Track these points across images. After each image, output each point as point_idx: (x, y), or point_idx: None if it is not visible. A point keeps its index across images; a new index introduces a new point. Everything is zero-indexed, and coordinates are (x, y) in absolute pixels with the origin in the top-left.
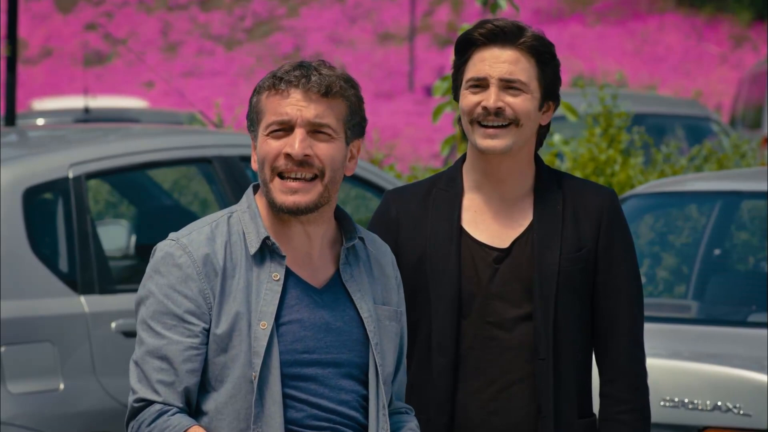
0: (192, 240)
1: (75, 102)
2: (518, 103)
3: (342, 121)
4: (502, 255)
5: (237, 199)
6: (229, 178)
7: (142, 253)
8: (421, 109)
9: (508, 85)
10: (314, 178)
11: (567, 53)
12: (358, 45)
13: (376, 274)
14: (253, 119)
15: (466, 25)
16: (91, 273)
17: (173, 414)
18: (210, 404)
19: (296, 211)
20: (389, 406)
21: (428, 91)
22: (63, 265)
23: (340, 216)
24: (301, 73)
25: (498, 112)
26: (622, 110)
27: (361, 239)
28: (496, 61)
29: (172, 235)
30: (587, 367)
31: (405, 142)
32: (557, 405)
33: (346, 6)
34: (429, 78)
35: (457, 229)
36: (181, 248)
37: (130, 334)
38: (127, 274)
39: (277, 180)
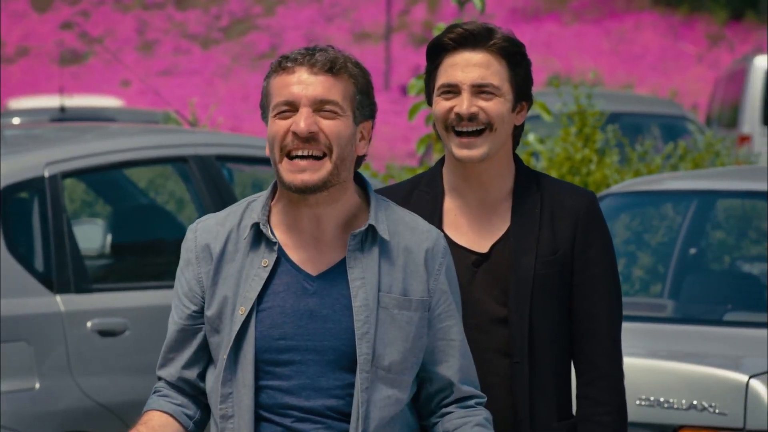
0: (206, 225)
1: (51, 101)
2: (491, 107)
3: (349, 99)
4: (481, 259)
5: (213, 198)
6: (205, 177)
7: (118, 252)
8: (397, 108)
9: (480, 89)
10: (323, 156)
11: (543, 52)
12: (335, 44)
13: (400, 261)
14: (264, 104)
15: (442, 25)
16: (66, 272)
17: (157, 395)
18: (208, 383)
19: (305, 190)
20: (451, 395)
21: (404, 90)
22: (39, 264)
23: (369, 201)
24: (307, 52)
25: (471, 117)
26: (596, 109)
27: (372, 228)
28: (467, 65)
29: (203, 216)
30: (566, 369)
31: (381, 141)
32: (535, 407)
33: (323, 5)
34: (405, 77)
35: None
36: (193, 232)
37: (106, 333)
38: (102, 273)
39: (285, 160)
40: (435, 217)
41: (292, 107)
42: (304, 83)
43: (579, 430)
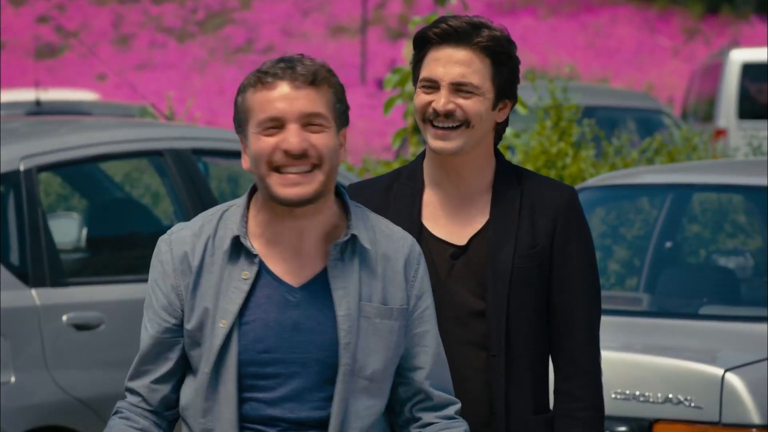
0: (180, 236)
1: (26, 95)
2: (469, 105)
3: (331, 109)
4: (459, 251)
5: (188, 191)
6: (181, 170)
7: (94, 245)
8: (373, 102)
9: (459, 87)
10: (312, 169)
11: (519, 46)
12: (311, 38)
13: (379, 270)
14: (241, 119)
15: (418, 18)
16: (42, 266)
17: (119, 417)
18: (185, 396)
19: (298, 203)
20: (425, 401)
21: (380, 84)
22: (14, 257)
23: (347, 210)
24: (286, 65)
25: (448, 114)
26: (572, 103)
27: (354, 237)
28: (448, 62)
29: (174, 227)
30: (543, 363)
31: (357, 135)
32: (511, 401)
33: None
34: (381, 71)
35: (418, 224)
36: (167, 244)
37: (82, 327)
38: (78, 267)
39: (274, 175)
40: (414, 209)
41: (278, 123)
42: (289, 98)
43: (556, 424)
